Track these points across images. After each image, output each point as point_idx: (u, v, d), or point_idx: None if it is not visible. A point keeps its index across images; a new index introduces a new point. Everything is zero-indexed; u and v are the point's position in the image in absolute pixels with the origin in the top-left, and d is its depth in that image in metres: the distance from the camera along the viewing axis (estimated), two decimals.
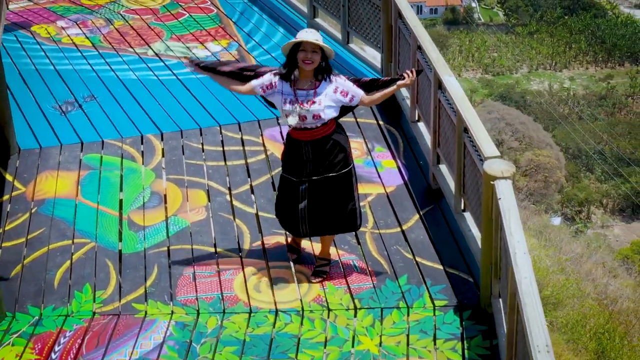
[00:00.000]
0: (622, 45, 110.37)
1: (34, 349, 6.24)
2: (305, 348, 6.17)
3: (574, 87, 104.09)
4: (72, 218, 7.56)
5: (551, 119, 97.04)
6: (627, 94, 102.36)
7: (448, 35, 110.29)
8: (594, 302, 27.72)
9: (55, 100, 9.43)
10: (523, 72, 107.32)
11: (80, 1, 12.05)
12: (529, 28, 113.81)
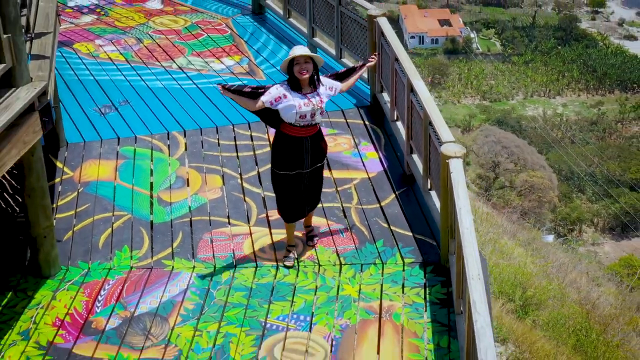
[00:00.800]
0: (612, 74, 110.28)
1: (84, 293, 7.46)
2: (300, 293, 7.38)
3: (567, 113, 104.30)
4: (112, 196, 8.77)
5: (545, 143, 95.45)
6: (617, 119, 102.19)
7: (448, 63, 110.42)
8: (576, 304, 28.60)
9: (96, 104, 10.53)
10: (519, 98, 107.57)
11: (115, 23, 13.08)
12: (524, 57, 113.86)
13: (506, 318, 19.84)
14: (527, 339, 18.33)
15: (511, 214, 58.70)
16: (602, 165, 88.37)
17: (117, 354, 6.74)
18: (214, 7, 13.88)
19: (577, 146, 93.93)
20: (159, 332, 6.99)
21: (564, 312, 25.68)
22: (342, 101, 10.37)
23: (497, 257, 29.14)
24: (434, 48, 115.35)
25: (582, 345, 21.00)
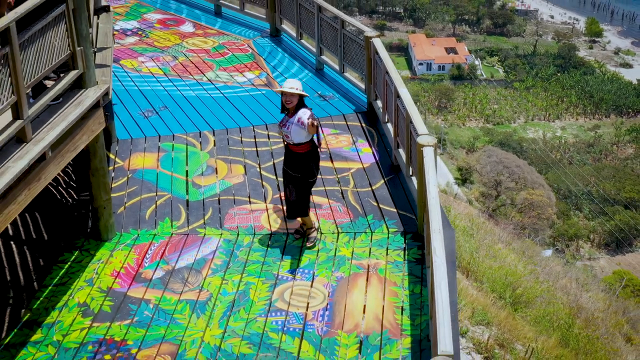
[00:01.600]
0: (608, 99, 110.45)
1: (135, 252, 8.95)
2: (305, 254, 8.82)
3: (565, 135, 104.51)
4: (155, 180, 10.25)
5: (545, 164, 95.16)
6: (613, 142, 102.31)
7: (454, 89, 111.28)
8: (564, 306, 29.66)
9: (140, 109, 11.98)
10: (520, 122, 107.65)
11: (154, 44, 14.49)
12: (525, 83, 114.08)
13: (493, 307, 21.11)
14: (509, 324, 19.68)
15: (508, 225, 59.65)
16: (598, 184, 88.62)
17: (161, 297, 8.21)
18: (238, 30, 15.33)
19: (575, 167, 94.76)
20: (194, 280, 8.46)
21: (549, 309, 26.96)
22: (343, 107, 11.85)
23: (491, 260, 30.39)
24: (440, 74, 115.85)
25: (565, 338, 22.36)
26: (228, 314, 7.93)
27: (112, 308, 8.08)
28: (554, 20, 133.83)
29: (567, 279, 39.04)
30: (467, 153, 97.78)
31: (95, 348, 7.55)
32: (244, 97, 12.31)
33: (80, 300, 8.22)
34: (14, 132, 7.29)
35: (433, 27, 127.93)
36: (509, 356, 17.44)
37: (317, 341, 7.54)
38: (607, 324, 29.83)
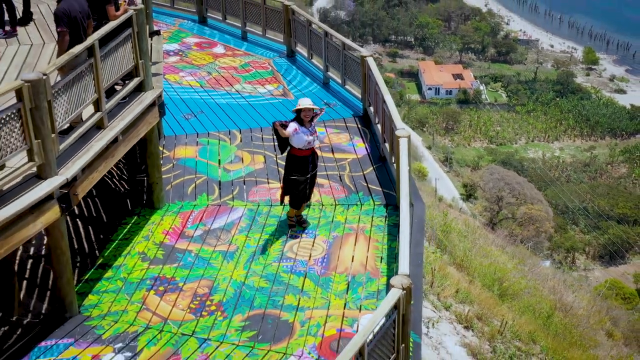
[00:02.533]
0: (604, 123, 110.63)
1: (180, 217, 10.98)
2: (310, 220, 10.78)
3: (563, 155, 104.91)
4: (194, 166, 12.30)
5: (544, 181, 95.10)
6: (607, 162, 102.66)
7: (460, 112, 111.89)
8: (547, 300, 30.98)
9: (182, 113, 14.04)
10: (521, 143, 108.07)
11: (192, 62, 16.56)
12: (526, 107, 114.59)
13: (476, 290, 22.85)
14: (489, 304, 21.46)
15: (502, 232, 60.69)
16: (594, 201, 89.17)
17: (200, 248, 10.23)
18: (260, 52, 17.39)
19: (572, 184, 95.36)
20: (225, 237, 10.47)
21: (532, 300, 28.67)
22: (344, 112, 13.88)
23: (483, 258, 32.13)
24: (448, 98, 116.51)
25: (546, 325, 24.05)
26: (250, 260, 9.93)
27: (163, 255, 10.12)
28: (553, 49, 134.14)
29: (556, 280, 40.52)
30: (472, 171, 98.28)
31: (152, 282, 9.58)
32: (264, 105, 14.37)
33: (140, 250, 10.26)
34: (95, 121, 9.37)
35: (441, 55, 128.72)
36: (486, 328, 19.19)
37: (317, 279, 9.52)
38: (590, 321, 31.19)
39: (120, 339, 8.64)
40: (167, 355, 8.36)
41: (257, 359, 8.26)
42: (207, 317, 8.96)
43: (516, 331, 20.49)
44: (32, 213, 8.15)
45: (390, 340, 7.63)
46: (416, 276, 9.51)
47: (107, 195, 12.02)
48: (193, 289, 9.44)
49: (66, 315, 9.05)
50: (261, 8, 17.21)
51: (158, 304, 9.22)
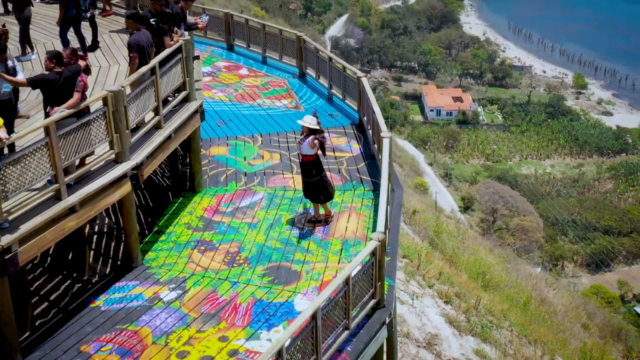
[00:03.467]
0: (591, 142, 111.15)
1: (215, 199, 13.35)
2: None
3: (554, 172, 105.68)
4: (225, 161, 14.69)
5: (536, 196, 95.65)
6: (594, 178, 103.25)
7: (459, 132, 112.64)
8: (527, 292, 32.72)
9: (215, 121, 16.46)
10: (515, 160, 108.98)
11: (222, 81, 18.95)
12: (520, 128, 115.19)
13: (457, 276, 24.93)
14: (467, 286, 23.54)
15: (491, 236, 61.68)
16: (581, 214, 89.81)
17: (231, 220, 12.59)
18: (278, 73, 19.75)
19: (562, 199, 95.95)
20: (250, 212, 12.83)
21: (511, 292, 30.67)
22: (344, 121, 16.23)
23: (469, 255, 34.21)
24: (448, 119, 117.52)
25: (523, 312, 25.95)
26: (269, 229, 12.29)
27: (203, 225, 12.50)
28: (545, 74, 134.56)
29: (538, 280, 42.36)
30: (470, 185, 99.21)
31: (195, 244, 11.95)
32: (280, 115, 16.74)
33: (185, 221, 12.65)
34: (155, 122, 11.79)
35: (442, 79, 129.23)
36: (463, 304, 21.35)
37: (318, 242, 11.86)
38: (569, 315, 32.97)
39: (173, 282, 11.01)
40: (208, 293, 10.72)
41: (274, 295, 10.59)
42: (236, 267, 11.32)
43: (490, 309, 22.60)
44: (112, 187, 10.56)
45: (370, 278, 9.96)
46: (394, 241, 11.84)
47: (160, 181, 14.44)
48: (226, 248, 11.80)
49: (133, 265, 11.44)
50: (278, 38, 19.61)
51: (200, 259, 11.59)
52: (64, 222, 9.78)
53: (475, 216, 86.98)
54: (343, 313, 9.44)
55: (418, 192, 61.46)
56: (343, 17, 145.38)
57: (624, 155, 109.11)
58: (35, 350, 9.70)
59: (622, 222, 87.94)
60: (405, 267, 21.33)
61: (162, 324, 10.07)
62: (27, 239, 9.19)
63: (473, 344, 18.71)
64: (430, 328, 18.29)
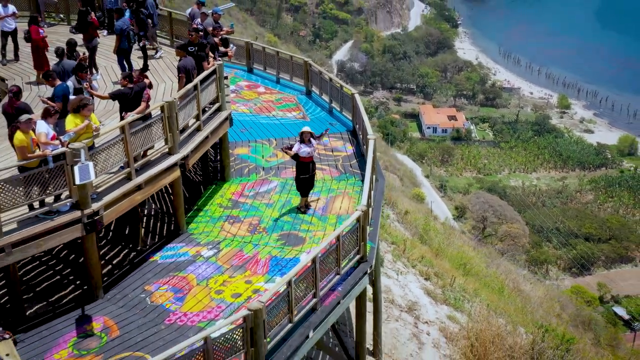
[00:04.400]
0: (574, 157, 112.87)
1: (240, 186, 16.15)
2: (315, 189, 15.90)
3: (540, 184, 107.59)
4: (247, 158, 17.48)
5: (523, 205, 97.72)
6: (576, 190, 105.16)
7: (454, 147, 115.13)
8: (504, 282, 34.86)
9: (239, 128, 19.25)
10: (505, 173, 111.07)
11: (243, 97, 21.63)
12: (509, 144, 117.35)
13: (439, 263, 27.43)
14: (446, 268, 26.06)
15: (476, 236, 63.61)
16: (564, 222, 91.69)
17: (252, 201, 15.38)
18: (288, 90, 22.41)
19: (547, 208, 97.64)
20: (267, 196, 15.62)
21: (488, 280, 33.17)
22: (341, 128, 19.00)
23: (453, 250, 36.72)
24: (443, 136, 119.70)
25: (498, 294, 28.13)
26: (281, 207, 15.06)
27: (231, 205, 15.30)
28: (532, 95, 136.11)
29: (517, 274, 44.58)
30: (462, 196, 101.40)
31: (226, 218, 14.73)
32: (290, 124, 19.47)
33: (217, 202, 15.44)
34: (196, 126, 14.61)
35: (438, 100, 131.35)
36: (440, 281, 23.88)
37: (319, 217, 14.61)
38: (544, 306, 35.09)
39: (210, 244, 13.79)
40: (236, 252, 13.49)
41: (285, 253, 13.35)
42: (257, 234, 14.09)
43: (464, 287, 25.13)
44: (166, 172, 13.38)
45: (355, 239, 12.71)
46: (376, 216, 14.54)
47: (193, 177, 17.24)
48: (249, 221, 14.57)
49: (180, 232, 14.22)
50: (289, 62, 22.41)
51: (230, 228, 14.37)
52: (133, 196, 12.60)
53: (468, 223, 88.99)
54: (335, 262, 12.19)
55: (415, 201, 63.49)
56: (348, 43, 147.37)
57: (604, 169, 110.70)
58: (112, 288, 12.49)
59: (601, 230, 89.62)
60: (393, 250, 24.00)
61: (203, 272, 12.85)
62: (109, 207, 12.02)
63: (447, 311, 21.28)
64: (411, 297, 20.92)
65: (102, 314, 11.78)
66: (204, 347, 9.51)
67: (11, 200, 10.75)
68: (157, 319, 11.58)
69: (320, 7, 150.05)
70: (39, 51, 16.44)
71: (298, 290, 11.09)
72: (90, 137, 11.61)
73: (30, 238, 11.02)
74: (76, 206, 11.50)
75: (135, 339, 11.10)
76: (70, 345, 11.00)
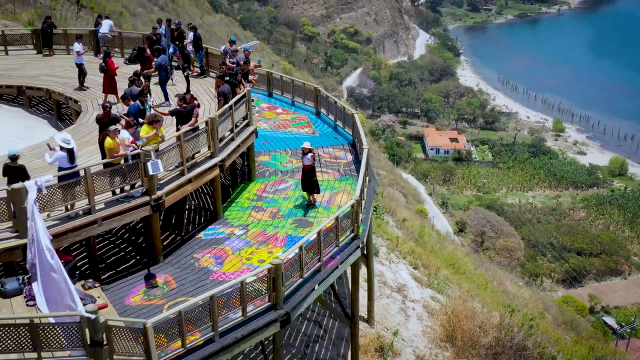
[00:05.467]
0: (567, 177, 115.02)
1: (263, 185, 19.79)
2: (322, 186, 19.49)
3: (535, 202, 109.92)
4: (268, 164, 21.10)
5: (519, 221, 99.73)
6: (570, 207, 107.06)
7: (455, 167, 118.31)
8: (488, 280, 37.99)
9: (261, 141, 22.88)
10: (503, 192, 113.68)
11: (265, 116, 25.37)
12: (507, 164, 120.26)
13: (424, 254, 30.84)
14: (432, 261, 29.40)
15: (470, 244, 66.53)
16: (558, 237, 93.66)
17: (273, 196, 18.98)
18: (301, 111, 25.96)
19: (542, 224, 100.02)
20: (284, 192, 19.21)
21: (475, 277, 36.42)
22: (343, 141, 22.60)
23: (444, 252, 40.05)
24: (446, 157, 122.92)
25: (482, 288, 31.32)
26: (295, 200, 18.64)
27: (256, 198, 18.91)
28: (529, 119, 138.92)
29: (505, 277, 47.49)
30: (463, 211, 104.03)
31: (252, 207, 18.34)
32: (303, 138, 23.06)
33: (246, 196, 19.05)
34: (230, 137, 18.29)
35: (441, 123, 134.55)
36: (427, 270, 27.24)
37: (324, 207, 18.17)
38: (528, 306, 37.99)
39: (241, 226, 17.38)
40: (260, 231, 17.06)
41: (298, 233, 16.89)
42: (276, 219, 17.67)
43: (448, 278, 28.46)
44: (209, 170, 17.02)
45: (350, 221, 16.24)
46: (368, 208, 18.05)
47: (224, 182, 20.88)
48: (271, 210, 18.16)
49: (218, 217, 17.83)
50: (302, 88, 26.09)
51: (255, 215, 17.96)
52: (185, 187, 16.23)
53: (467, 237, 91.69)
54: (335, 237, 15.71)
55: (418, 217, 66.52)
56: (358, 70, 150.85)
57: (596, 188, 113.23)
58: (169, 255, 16.09)
59: (592, 245, 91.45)
60: (388, 245, 27.45)
61: (236, 245, 16.42)
62: (168, 194, 15.65)
63: (430, 293, 24.67)
64: (401, 280, 24.35)
65: (163, 273, 15.36)
66: (240, 289, 13.04)
67: (101, 187, 14.40)
68: (204, 277, 15.13)
69: (331, 37, 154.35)
70: (112, 79, 20.19)
71: (307, 256, 14.61)
72: (158, 142, 15.28)
73: (113, 215, 14.65)
74: (146, 193, 15.15)
75: (188, 289, 14.65)
76: (141, 293, 14.57)
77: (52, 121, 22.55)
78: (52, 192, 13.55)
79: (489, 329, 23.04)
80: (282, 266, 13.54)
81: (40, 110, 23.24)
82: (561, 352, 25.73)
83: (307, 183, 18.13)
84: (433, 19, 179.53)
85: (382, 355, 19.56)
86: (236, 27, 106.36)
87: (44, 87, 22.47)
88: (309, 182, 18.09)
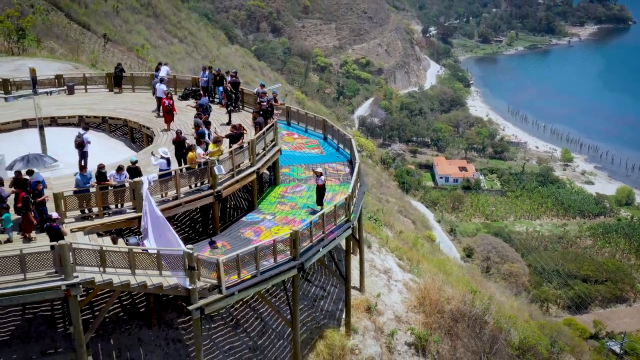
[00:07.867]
0: (575, 206, 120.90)
1: (285, 187, 29.32)
2: (328, 188, 28.94)
3: (543, 230, 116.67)
4: (288, 174, 30.56)
5: (527, 249, 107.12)
6: (576, 236, 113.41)
7: (464, 195, 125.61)
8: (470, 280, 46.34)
9: (282, 158, 32.26)
10: (510, 220, 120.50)
11: (284, 140, 34.74)
12: (515, 193, 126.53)
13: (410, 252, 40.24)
14: (415, 257, 38.85)
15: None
16: (564, 265, 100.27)
17: (292, 195, 28.45)
18: (312, 137, 35.32)
19: (549, 252, 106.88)
20: (300, 193, 28.68)
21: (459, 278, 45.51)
22: (342, 159, 32.10)
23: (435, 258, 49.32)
24: (455, 185, 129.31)
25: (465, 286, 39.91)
26: (308, 198, 28.06)
27: (280, 196, 28.38)
28: (538, 149, 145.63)
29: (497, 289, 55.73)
30: (470, 239, 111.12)
31: (277, 202, 27.80)
32: (315, 157, 32.52)
33: (273, 195, 28.52)
34: (263, 152, 27.88)
35: (451, 152, 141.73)
36: (410, 262, 36.37)
37: (328, 203, 27.55)
38: (514, 307, 45.98)
39: (270, 214, 26.85)
40: (284, 217, 26.48)
41: (310, 218, 26.27)
42: (295, 210, 27.12)
43: (428, 269, 37.44)
44: (249, 175, 26.57)
45: (345, 209, 25.69)
46: (358, 201, 27.42)
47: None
48: (290, 204, 27.58)
49: (254, 208, 27.31)
50: (313, 119, 35.59)
51: (280, 207, 27.40)
52: (233, 185, 25.74)
53: (474, 263, 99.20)
54: (334, 219, 25.08)
55: (425, 243, 74.49)
56: (369, 100, 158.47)
57: (602, 217, 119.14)
58: (223, 231, 25.54)
59: (598, 272, 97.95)
60: (380, 241, 36.64)
61: (268, 225, 25.83)
62: (225, 189, 25.16)
63: (410, 277, 33.81)
64: (387, 265, 33.54)
65: (221, 240, 24.75)
66: (272, 245, 22.37)
67: (184, 183, 23.91)
68: (247, 243, 24.50)
69: (344, 68, 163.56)
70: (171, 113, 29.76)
71: (315, 230, 23.98)
72: (219, 155, 24.87)
73: (190, 201, 24.13)
74: (211, 187, 24.63)
75: (237, 250, 23.99)
76: (208, 252, 23.95)
77: (127, 142, 32.12)
78: (155, 185, 23.06)
79: (453, 301, 32.10)
80: (299, 232, 22.90)
81: (117, 135, 32.90)
82: (513, 327, 34.62)
83: (320, 197, 27.44)
84: (444, 50, 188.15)
85: (370, 312, 28.70)
86: (251, 58, 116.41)
87: (122, 117, 32.13)
88: (320, 196, 27.39)
